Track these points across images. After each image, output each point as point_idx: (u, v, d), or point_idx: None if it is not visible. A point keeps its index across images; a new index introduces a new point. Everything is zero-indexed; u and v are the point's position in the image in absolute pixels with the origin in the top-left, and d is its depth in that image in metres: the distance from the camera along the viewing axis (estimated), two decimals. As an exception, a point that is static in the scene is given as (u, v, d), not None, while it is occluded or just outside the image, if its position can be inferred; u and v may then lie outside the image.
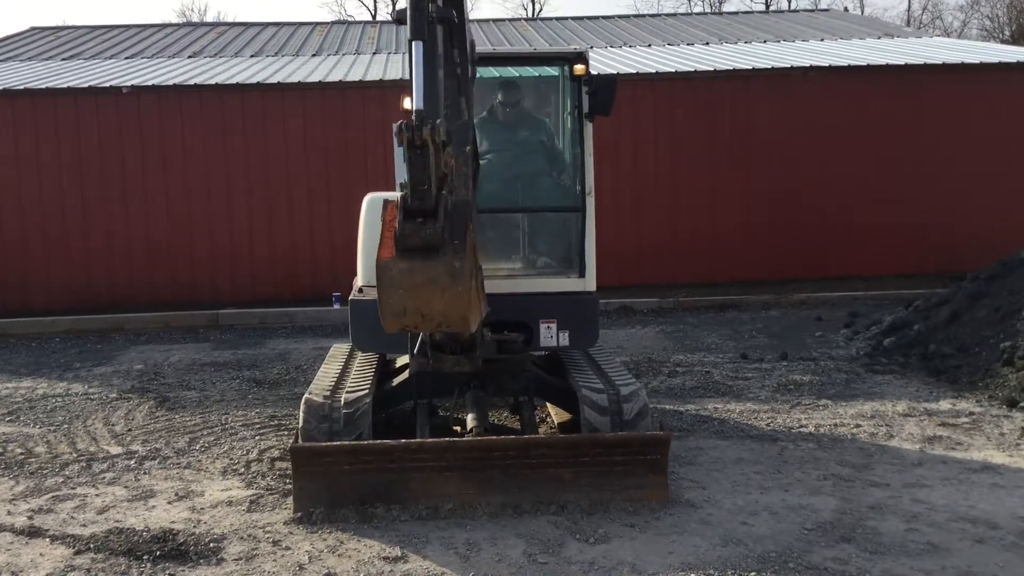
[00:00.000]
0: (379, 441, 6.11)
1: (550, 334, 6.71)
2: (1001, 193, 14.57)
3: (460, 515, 5.68)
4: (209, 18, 50.25)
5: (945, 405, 8.00)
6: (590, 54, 7.10)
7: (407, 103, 6.64)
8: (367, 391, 6.49)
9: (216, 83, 14.65)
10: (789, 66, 15.18)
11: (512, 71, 7.66)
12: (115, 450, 7.35)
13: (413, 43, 4.54)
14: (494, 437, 6.13)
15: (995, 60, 15.24)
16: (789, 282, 14.20)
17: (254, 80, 14.86)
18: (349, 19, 42.66)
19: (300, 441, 6.18)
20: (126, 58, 18.41)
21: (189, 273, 14.12)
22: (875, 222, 14.53)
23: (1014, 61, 15.20)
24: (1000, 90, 14.82)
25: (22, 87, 14.41)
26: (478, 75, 7.17)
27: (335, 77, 15.13)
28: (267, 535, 5.52)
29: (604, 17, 24.00)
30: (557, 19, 24.62)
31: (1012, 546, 5.13)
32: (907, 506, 5.74)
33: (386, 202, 4.63)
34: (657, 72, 15.03)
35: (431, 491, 5.78)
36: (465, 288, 4.32)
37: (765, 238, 14.48)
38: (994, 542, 5.19)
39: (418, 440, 6.19)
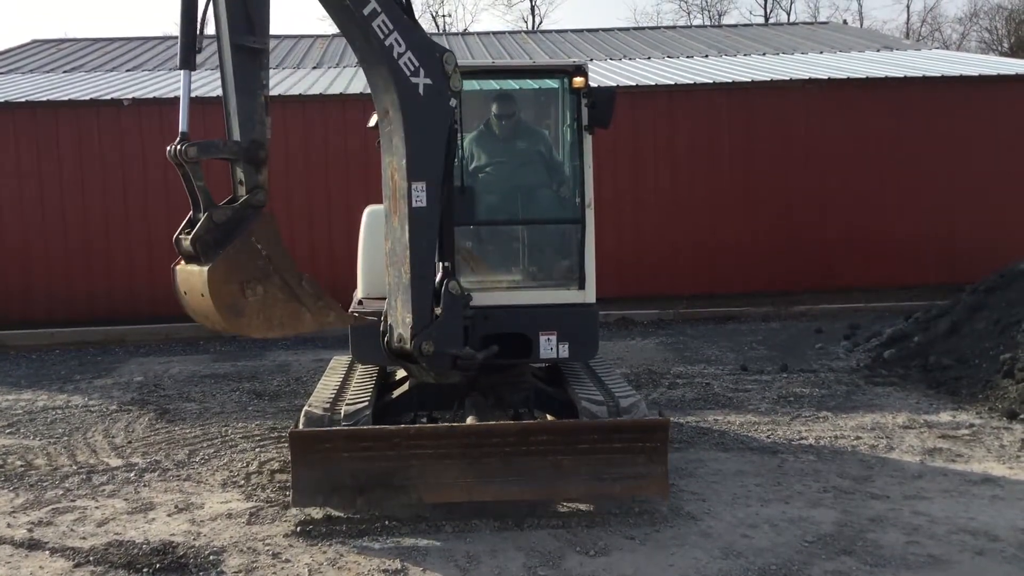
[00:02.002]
0: (378, 426, 6.15)
1: (550, 346, 6.71)
2: (1000, 205, 14.58)
3: (461, 528, 5.69)
4: (210, 31, 50.35)
5: (945, 417, 8.00)
6: (590, 67, 7.12)
7: (372, 121, 6.69)
8: (367, 403, 6.49)
9: (218, 95, 14.62)
10: (788, 79, 15.22)
11: (512, 83, 7.69)
12: (115, 462, 7.35)
13: (182, 72, 5.10)
14: (493, 422, 6.15)
15: (994, 73, 15.28)
16: (789, 294, 14.21)
17: (255, 92, 14.86)
18: (350, 32, 42.64)
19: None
20: (127, 71, 18.46)
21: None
22: (874, 234, 14.54)
23: (1013, 74, 15.24)
24: (999, 103, 14.85)
25: (23, 99, 14.45)
26: (477, 87, 7.22)
27: (336, 90, 15.17)
28: (267, 548, 5.52)
29: (604, 30, 24.07)
30: (557, 32, 24.68)
31: (1013, 558, 5.13)
32: (907, 518, 5.74)
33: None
34: (657, 84, 15.07)
35: (430, 479, 5.80)
36: (219, 294, 4.75)
37: (765, 250, 14.48)
38: (994, 554, 5.18)
39: (417, 425, 6.20)
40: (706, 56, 19.43)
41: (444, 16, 53.74)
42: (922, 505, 5.95)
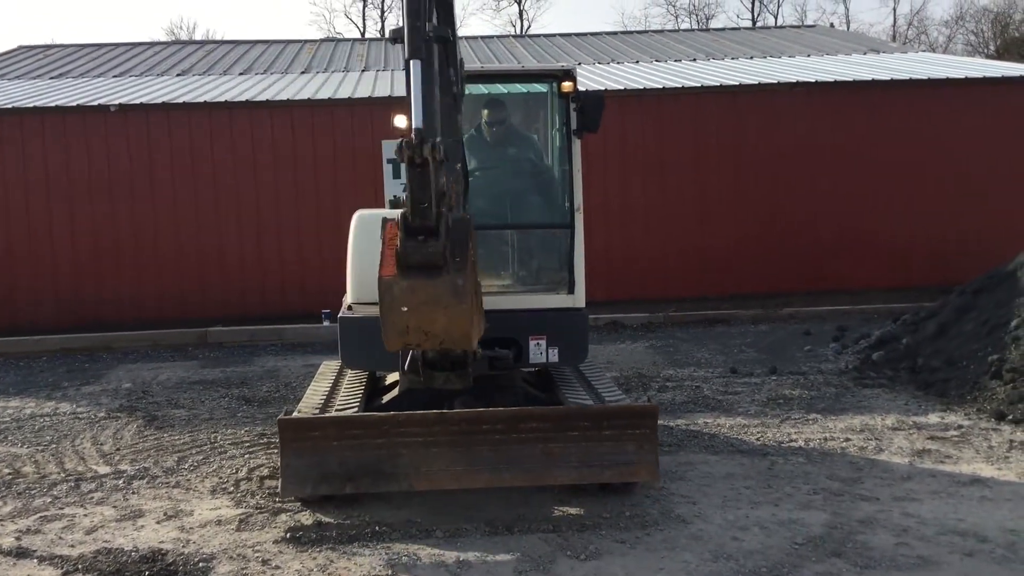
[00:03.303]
0: (367, 413, 6.14)
1: (539, 350, 6.72)
2: (988, 207, 14.66)
3: (451, 533, 5.68)
4: (198, 36, 50.37)
5: (934, 418, 8.02)
6: (578, 71, 7.14)
7: (398, 121, 6.65)
8: (356, 408, 6.48)
9: (205, 101, 14.65)
10: (776, 82, 15.28)
11: (501, 88, 7.70)
12: (103, 469, 7.31)
13: (411, 62, 4.51)
14: (483, 409, 6.17)
15: (980, 75, 15.36)
16: (778, 296, 14.25)
17: (243, 98, 14.87)
18: (338, 36, 42.81)
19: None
20: (114, 76, 18.42)
21: (178, 291, 14.08)
22: (863, 236, 14.62)
23: (999, 76, 15.34)
24: (985, 105, 14.94)
25: (10, 106, 14.39)
26: (467, 92, 7.22)
27: (324, 95, 15.16)
28: (256, 554, 5.49)
29: (592, 34, 24.16)
30: (545, 36, 24.74)
31: (1002, 559, 5.14)
32: (897, 520, 5.75)
33: (384, 220, 4.68)
34: (645, 88, 15.11)
35: (419, 467, 5.82)
36: (468, 306, 4.34)
37: (754, 253, 14.53)
38: (983, 555, 5.20)
39: (407, 412, 6.21)
40: (694, 60, 19.49)
41: (433, 21, 53.65)
42: (911, 506, 5.96)
